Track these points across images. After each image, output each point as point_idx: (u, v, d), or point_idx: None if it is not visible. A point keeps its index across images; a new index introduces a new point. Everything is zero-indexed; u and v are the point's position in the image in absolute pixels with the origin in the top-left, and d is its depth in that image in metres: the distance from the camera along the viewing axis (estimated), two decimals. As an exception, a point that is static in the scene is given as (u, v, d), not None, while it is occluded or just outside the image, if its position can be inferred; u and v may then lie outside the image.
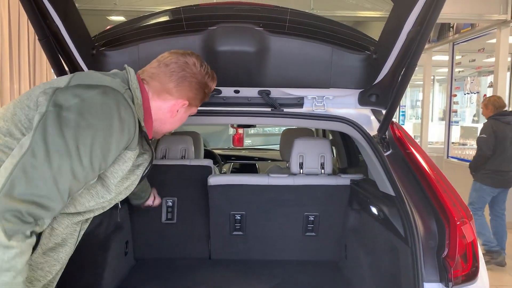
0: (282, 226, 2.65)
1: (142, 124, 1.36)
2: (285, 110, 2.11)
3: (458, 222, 1.61)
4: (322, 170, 2.58)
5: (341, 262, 2.62)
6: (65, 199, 1.14)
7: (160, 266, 2.60)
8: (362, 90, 2.11)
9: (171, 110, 1.47)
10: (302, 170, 2.58)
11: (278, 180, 2.56)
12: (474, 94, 7.32)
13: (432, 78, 10.15)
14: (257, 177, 2.64)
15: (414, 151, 1.98)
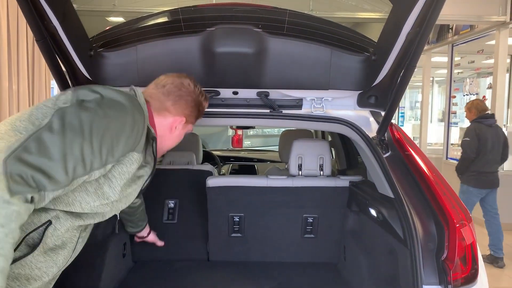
0: (280, 228, 2.64)
1: (154, 133, 1.48)
2: (284, 111, 2.11)
3: (458, 225, 1.61)
4: (321, 172, 2.57)
5: (339, 264, 2.61)
6: (69, 177, 1.20)
7: (158, 268, 2.59)
8: (361, 92, 2.10)
9: (171, 126, 1.58)
10: (301, 172, 2.57)
11: (277, 181, 2.55)
12: (473, 95, 7.32)
13: (431, 79, 10.16)
14: (255, 178, 2.63)
15: (413, 153, 1.97)
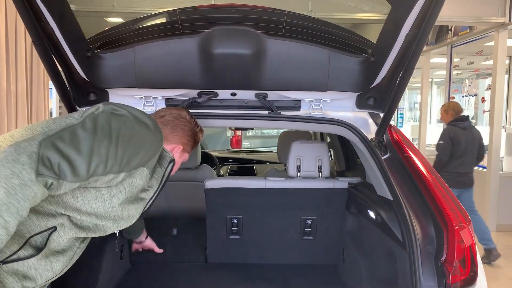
0: (279, 230, 2.63)
1: (172, 156, 1.57)
2: (282, 113, 2.10)
3: (456, 227, 1.60)
4: (320, 174, 2.56)
5: (338, 266, 2.61)
6: (89, 173, 1.25)
7: (155, 270, 2.58)
8: (360, 93, 2.10)
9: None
10: (299, 173, 2.56)
11: (276, 183, 2.54)
12: (472, 96, 7.32)
13: (430, 80, 10.16)
14: (254, 180, 2.62)
15: (412, 155, 1.96)
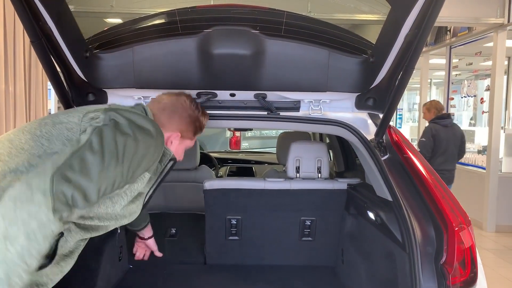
0: (278, 231, 2.62)
1: (173, 155, 1.53)
2: (281, 113, 2.09)
3: (456, 228, 1.59)
4: (319, 174, 2.55)
5: (337, 268, 2.60)
6: (99, 197, 1.23)
7: (154, 272, 2.57)
8: (359, 94, 2.09)
9: (166, 141, 1.57)
10: (298, 174, 2.55)
11: (275, 184, 2.54)
12: (471, 97, 7.33)
13: (429, 81, 10.16)
14: (253, 181, 2.62)
15: (411, 156, 1.96)
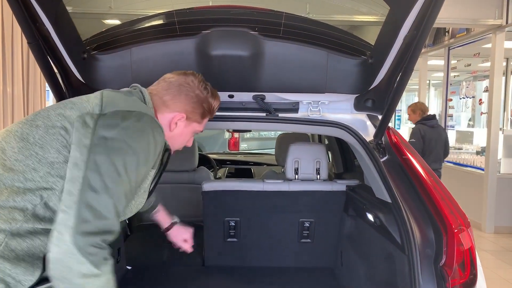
0: (277, 233, 2.61)
1: (167, 143, 1.45)
2: (280, 115, 2.09)
3: (456, 230, 1.59)
4: (318, 176, 2.55)
5: (336, 269, 2.59)
6: (119, 218, 1.23)
7: (152, 274, 2.56)
8: (358, 95, 2.09)
9: (169, 123, 1.48)
10: (297, 176, 2.55)
11: (273, 185, 2.53)
12: (470, 98, 7.34)
13: (427, 82, 10.18)
14: (252, 182, 2.61)
15: (410, 157, 1.95)
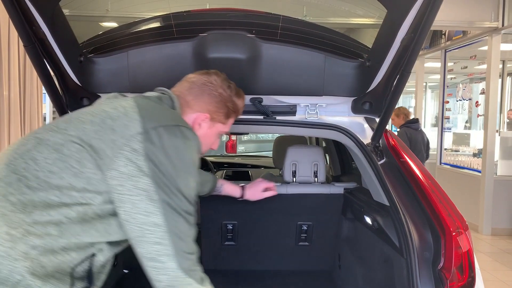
0: (274, 236, 2.60)
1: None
2: (277, 118, 2.08)
3: (454, 233, 1.58)
4: (316, 179, 2.54)
5: (334, 272, 2.59)
6: (193, 220, 1.26)
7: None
8: (355, 98, 2.08)
9: (193, 124, 1.43)
10: (295, 179, 2.54)
11: None
12: (466, 100, 7.35)
13: (424, 84, 10.21)
14: None
15: (408, 160, 1.95)
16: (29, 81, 4.45)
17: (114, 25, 2.20)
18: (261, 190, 2.15)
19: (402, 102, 14.47)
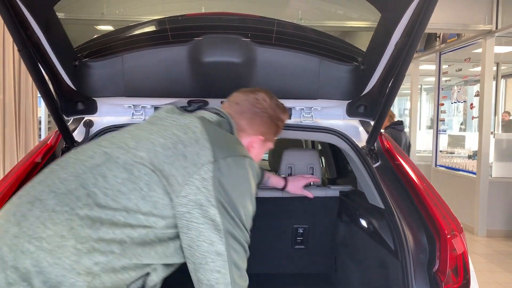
0: (271, 239, 2.60)
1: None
2: None
3: (449, 236, 1.59)
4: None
5: (331, 275, 2.59)
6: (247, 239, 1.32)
7: None
8: (350, 101, 2.09)
9: (247, 147, 1.46)
10: None
11: (267, 192, 2.52)
12: (461, 103, 7.39)
13: (419, 87, 10.25)
14: None
15: (403, 163, 1.96)
16: (24, 84, 4.44)
17: (109, 28, 2.21)
18: (301, 186, 2.24)
19: (398, 104, 14.52)
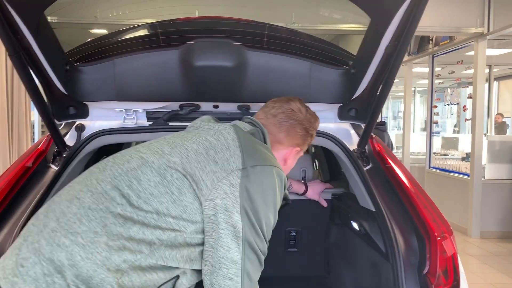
0: None
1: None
2: None
3: (439, 238, 1.60)
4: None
5: (323, 278, 2.59)
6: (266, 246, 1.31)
7: None
8: (341, 105, 2.10)
9: (284, 159, 1.52)
10: None
11: None
12: (454, 105, 7.44)
13: (413, 89, 10.31)
14: None
15: (393, 165, 1.97)
16: (16, 88, 4.43)
17: (103, 31, 2.21)
18: (320, 192, 2.32)
19: (392, 106, 14.60)
